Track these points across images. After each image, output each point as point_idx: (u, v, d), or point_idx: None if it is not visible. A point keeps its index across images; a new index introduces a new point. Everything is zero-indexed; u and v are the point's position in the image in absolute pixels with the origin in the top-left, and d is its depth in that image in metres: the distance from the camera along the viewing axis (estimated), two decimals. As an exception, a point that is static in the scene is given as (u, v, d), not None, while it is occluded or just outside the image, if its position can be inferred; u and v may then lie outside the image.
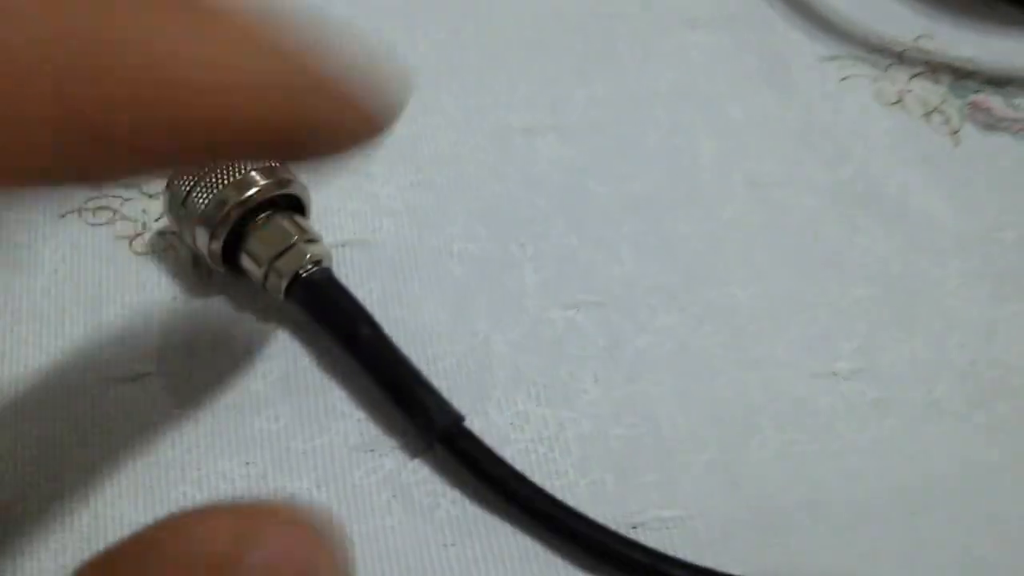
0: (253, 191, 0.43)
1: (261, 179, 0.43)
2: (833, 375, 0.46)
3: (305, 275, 0.44)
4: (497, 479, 0.42)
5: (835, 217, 0.50)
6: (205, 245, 0.44)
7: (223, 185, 0.43)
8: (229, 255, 0.45)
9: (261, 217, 0.44)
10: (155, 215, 0.49)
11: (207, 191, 0.43)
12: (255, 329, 0.46)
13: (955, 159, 0.53)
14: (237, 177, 0.43)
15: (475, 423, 0.44)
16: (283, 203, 0.45)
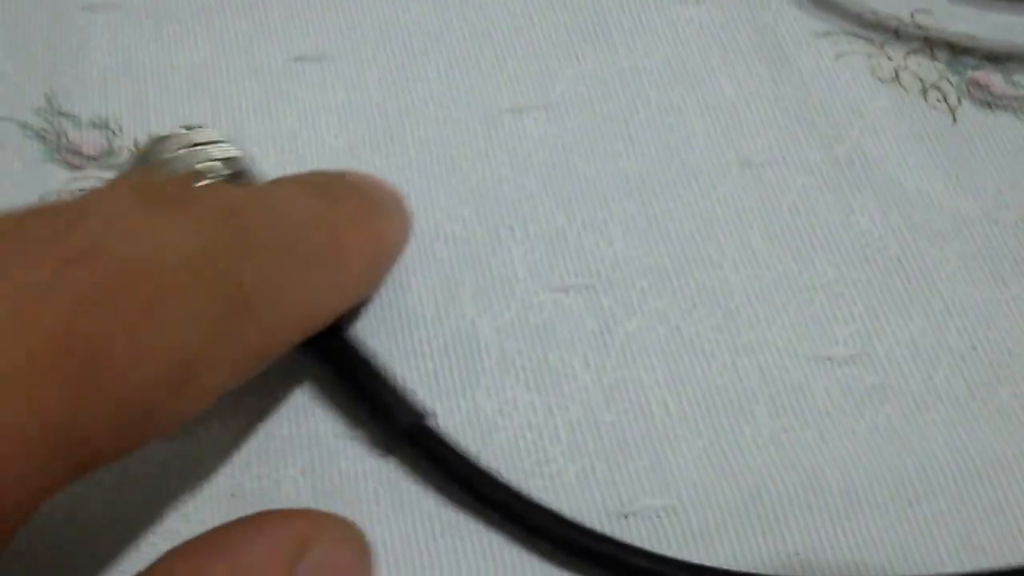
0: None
1: (220, 170, 0.42)
2: (829, 360, 0.45)
3: None
4: (464, 477, 0.41)
5: (830, 197, 0.49)
6: None
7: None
8: None
9: None
10: (134, 196, 0.47)
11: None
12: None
13: (953, 137, 0.52)
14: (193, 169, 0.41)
15: (462, 408, 0.43)
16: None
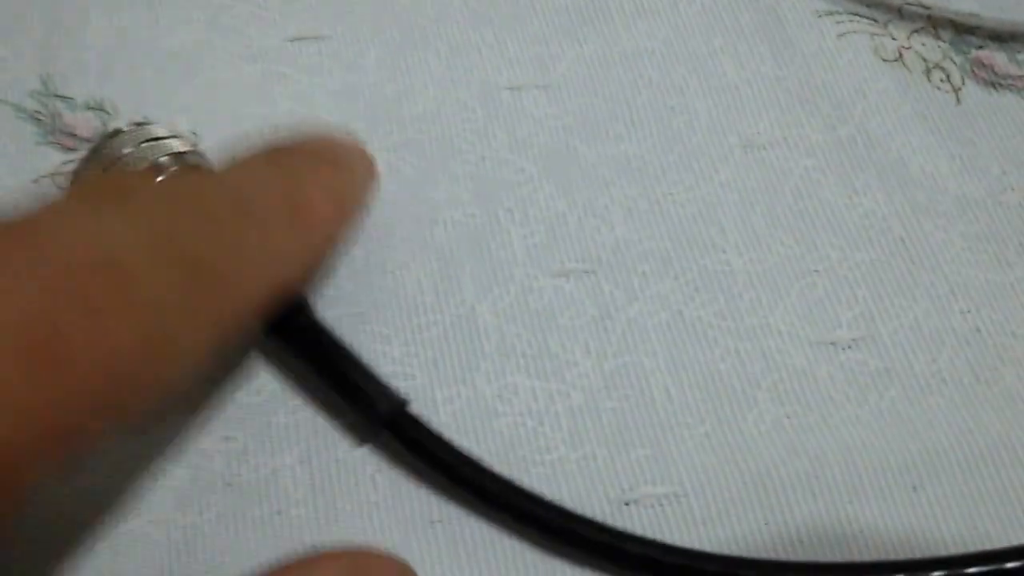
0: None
1: (170, 165, 0.42)
2: (832, 344, 0.44)
3: None
4: (446, 464, 0.41)
5: (833, 178, 0.48)
6: None
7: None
8: None
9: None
10: (130, 180, 0.47)
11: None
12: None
13: (957, 118, 0.51)
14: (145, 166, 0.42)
15: (462, 395, 0.43)
16: None
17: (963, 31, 0.54)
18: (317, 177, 0.39)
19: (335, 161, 0.41)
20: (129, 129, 0.43)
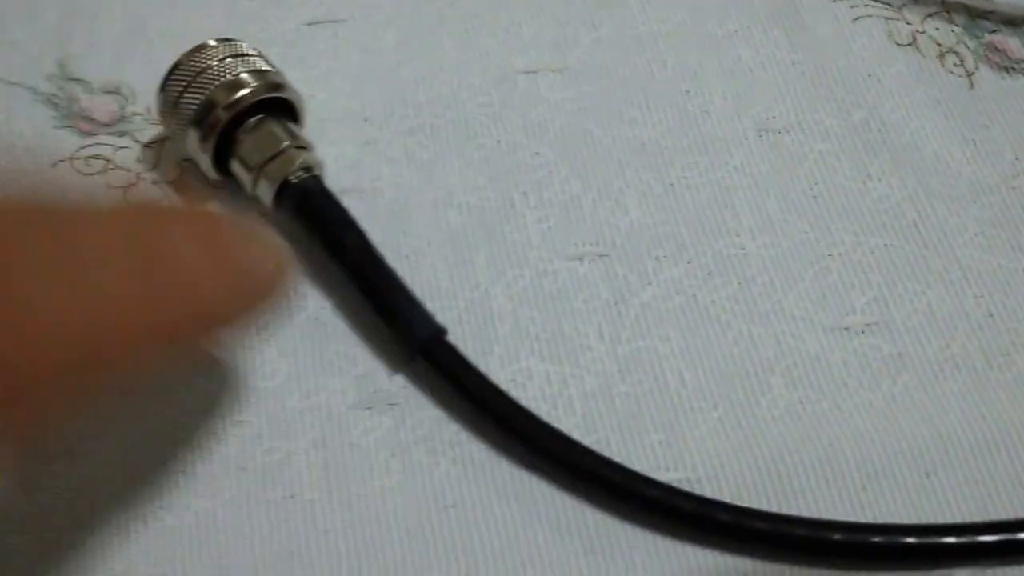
0: (243, 93, 0.43)
1: (252, 81, 0.43)
2: (846, 330, 0.44)
3: (295, 181, 0.43)
4: (475, 392, 0.41)
5: (847, 163, 0.48)
6: (196, 149, 0.44)
7: (213, 87, 0.43)
8: (222, 162, 0.44)
9: (252, 121, 0.44)
10: (149, 164, 0.47)
11: (197, 93, 0.43)
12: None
13: (970, 102, 0.51)
14: (228, 79, 0.43)
15: (476, 379, 0.42)
16: (276, 108, 0.44)
17: (977, 16, 0.54)
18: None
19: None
20: (215, 44, 0.44)
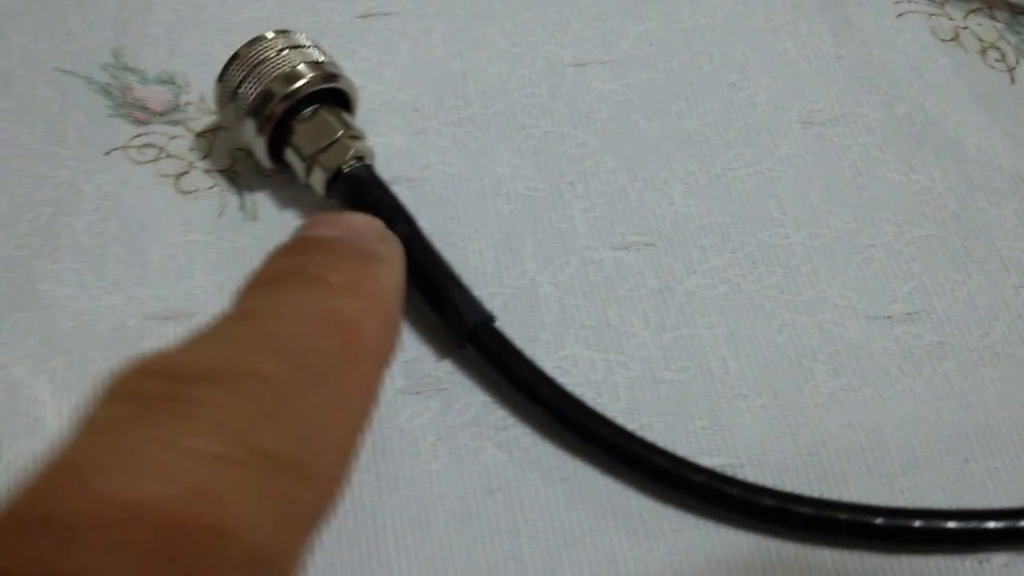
0: (299, 83, 0.44)
1: (308, 72, 0.44)
2: (888, 318, 0.44)
3: (347, 170, 0.44)
4: (523, 379, 0.41)
5: (890, 155, 0.48)
6: (252, 138, 0.44)
7: (271, 78, 0.44)
8: (276, 151, 0.45)
9: (307, 111, 0.44)
10: (201, 153, 0.47)
11: (255, 84, 0.44)
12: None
13: (1011, 97, 0.51)
14: (285, 70, 0.44)
15: (522, 365, 0.42)
16: (330, 98, 0.45)
17: (1018, 12, 0.53)
18: (357, 284, 0.35)
19: (366, 253, 0.37)
20: (272, 36, 0.45)
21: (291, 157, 0.44)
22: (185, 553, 0.24)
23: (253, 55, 0.44)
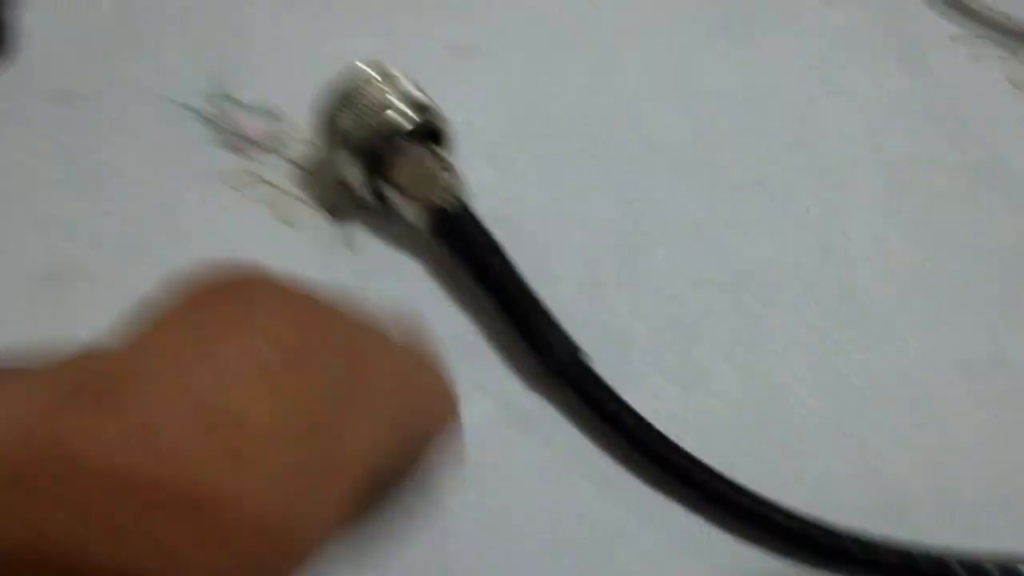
0: (398, 119, 0.45)
1: (406, 107, 0.45)
2: (963, 364, 0.44)
3: (444, 206, 0.44)
4: (610, 412, 0.42)
5: (966, 198, 0.49)
6: (350, 171, 0.45)
7: (369, 113, 0.45)
8: (372, 183, 0.46)
9: (404, 145, 0.45)
10: (299, 183, 0.48)
11: (353, 118, 0.45)
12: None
13: (1084, 142, 0.51)
14: (383, 105, 0.45)
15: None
16: (424, 132, 0.46)
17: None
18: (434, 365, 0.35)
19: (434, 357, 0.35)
20: (370, 70, 0.46)
21: (388, 191, 0.45)
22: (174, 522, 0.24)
23: (350, 88, 0.45)
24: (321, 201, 0.48)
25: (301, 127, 0.49)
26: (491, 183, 0.48)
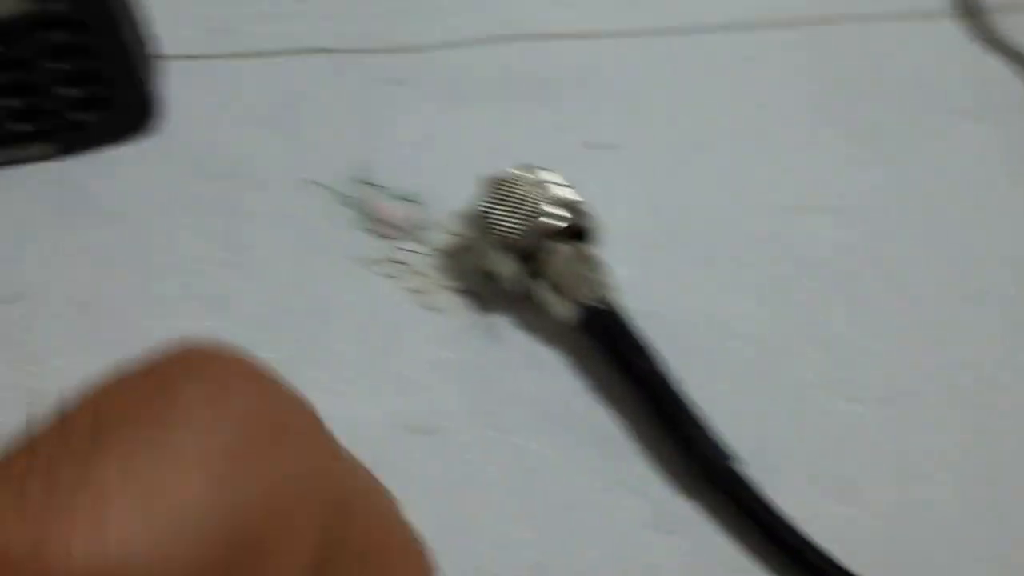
0: (551, 219, 0.45)
1: (558, 209, 0.45)
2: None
3: (596, 304, 0.45)
4: (765, 522, 0.41)
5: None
6: (502, 267, 0.46)
7: (523, 212, 0.45)
8: (522, 277, 0.46)
9: (555, 243, 0.45)
10: (445, 271, 0.49)
11: (508, 217, 0.45)
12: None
13: None
14: (536, 205, 0.45)
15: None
16: (575, 232, 0.46)
17: None
18: None
19: None
20: (523, 171, 0.47)
21: (538, 286, 0.45)
22: None
23: (505, 186, 0.46)
24: (468, 291, 0.47)
25: (446, 217, 0.49)
26: (636, 281, 0.48)
